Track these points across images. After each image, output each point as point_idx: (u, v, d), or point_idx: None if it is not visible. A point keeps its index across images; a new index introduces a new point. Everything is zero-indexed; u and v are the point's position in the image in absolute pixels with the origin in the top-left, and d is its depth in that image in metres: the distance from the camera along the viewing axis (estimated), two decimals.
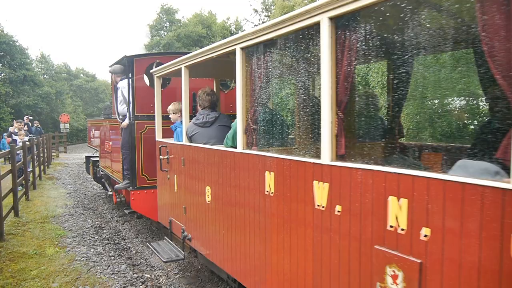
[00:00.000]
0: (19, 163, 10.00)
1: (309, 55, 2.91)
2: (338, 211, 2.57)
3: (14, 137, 13.81)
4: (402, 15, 2.31)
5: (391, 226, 2.21)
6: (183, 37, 37.94)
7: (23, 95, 33.75)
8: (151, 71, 6.13)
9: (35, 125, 20.37)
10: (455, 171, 2.19)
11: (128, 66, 7.00)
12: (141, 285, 5.47)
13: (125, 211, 7.88)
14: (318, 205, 2.73)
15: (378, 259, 2.30)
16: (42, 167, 15.34)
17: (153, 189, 6.76)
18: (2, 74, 33.34)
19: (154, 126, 6.14)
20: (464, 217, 1.84)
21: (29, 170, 11.57)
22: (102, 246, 7.15)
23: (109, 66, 7.89)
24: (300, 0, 20.34)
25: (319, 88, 2.62)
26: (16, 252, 6.48)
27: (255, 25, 30.41)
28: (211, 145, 4.45)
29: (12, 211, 8.51)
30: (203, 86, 5.35)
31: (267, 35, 3.13)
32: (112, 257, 6.56)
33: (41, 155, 15.51)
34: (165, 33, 40.99)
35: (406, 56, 2.64)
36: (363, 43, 2.43)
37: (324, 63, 2.57)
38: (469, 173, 2.04)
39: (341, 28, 2.48)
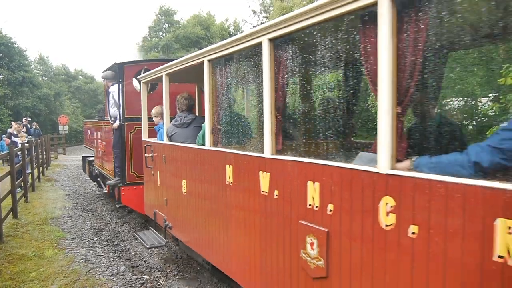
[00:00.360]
0: (18, 164, 9.99)
1: (255, 68, 3.50)
2: (276, 195, 3.22)
3: (14, 138, 13.77)
4: (314, 39, 2.95)
5: (310, 205, 2.83)
6: (181, 38, 37.98)
7: (22, 96, 33.72)
8: (137, 77, 6.64)
9: (34, 126, 20.34)
10: (356, 160, 2.72)
11: (118, 72, 7.59)
12: (140, 287, 5.47)
13: (116, 205, 8.38)
14: (263, 191, 3.37)
15: (301, 231, 2.90)
16: (41, 168, 15.32)
17: (141, 185, 7.16)
18: (1, 76, 33.31)
19: None
20: (352, 196, 2.46)
21: (28, 172, 11.57)
22: (101, 247, 7.14)
23: (102, 72, 8.57)
24: (299, 1, 20.37)
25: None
26: (15, 254, 6.47)
27: (253, 26, 30.45)
28: (188, 143, 5.00)
29: (11, 213, 8.50)
30: (190, 89, 5.99)
31: (226, 51, 3.76)
32: (111, 259, 6.56)
33: (40, 156, 15.50)
34: (164, 34, 41.01)
35: (319, 71, 3.34)
36: (294, 59, 3.02)
37: (265, 75, 3.17)
38: (363, 162, 2.54)
39: (278, 47, 3.10)
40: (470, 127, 8.74)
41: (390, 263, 2.22)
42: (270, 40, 3.09)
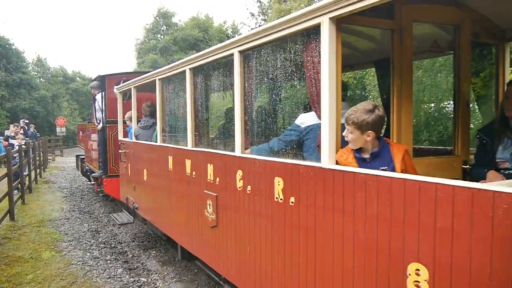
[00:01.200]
0: (15, 166, 9.96)
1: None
2: (194, 175, 4.51)
3: (11, 141, 13.74)
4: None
5: (209, 179, 4.14)
6: (179, 40, 37.98)
7: (19, 98, 33.58)
8: (115, 87, 7.95)
9: (31, 129, 20.28)
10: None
11: (101, 82, 9.24)
12: None
13: (100, 194, 10.00)
14: (187, 173, 4.70)
15: (205, 197, 4.27)
16: (38, 170, 15.28)
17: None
18: None
19: None
20: (226, 170, 3.84)
21: (25, 173, 11.53)
22: (99, 250, 7.12)
23: (91, 82, 10.30)
24: (297, 4, 20.42)
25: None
26: (12, 256, 6.45)
27: (251, 28, 30.47)
28: (149, 142, 6.30)
29: (8, 215, 8.47)
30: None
31: (176, 70, 4.96)
32: (109, 261, 6.54)
33: (37, 158, 15.46)
34: (162, 36, 41.00)
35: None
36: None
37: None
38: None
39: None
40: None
41: (245, 214, 3.56)
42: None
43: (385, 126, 3.85)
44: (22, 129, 16.47)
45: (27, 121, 20.74)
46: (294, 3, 21.06)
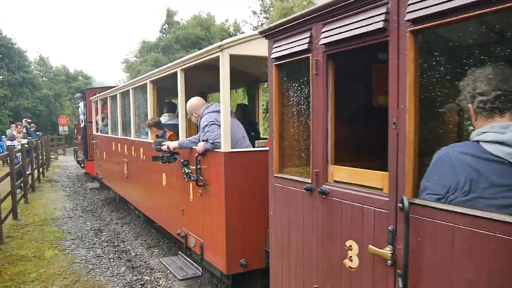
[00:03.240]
0: (18, 165, 9.97)
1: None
2: (142, 157, 7.15)
3: (9, 142, 13.90)
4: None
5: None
6: (181, 39, 37.91)
7: (22, 97, 33.63)
8: (90, 98, 12.34)
9: (32, 128, 20.29)
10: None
11: (83, 94, 14.32)
12: None
13: (83, 172, 15.54)
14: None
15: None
16: (41, 169, 15.31)
17: None
18: (1, 77, 33.23)
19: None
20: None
21: (28, 172, 11.55)
22: (102, 248, 7.12)
23: (77, 93, 16.91)
24: (299, 2, 20.36)
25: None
26: (15, 255, 6.45)
27: (254, 27, 30.42)
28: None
29: (11, 213, 8.49)
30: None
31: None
32: (112, 260, 6.54)
33: (40, 157, 15.48)
34: (164, 35, 40.92)
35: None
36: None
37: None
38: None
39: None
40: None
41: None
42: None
43: None
44: (24, 128, 16.52)
45: (29, 120, 20.77)
46: (296, 1, 21.00)
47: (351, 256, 2.40)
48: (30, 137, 15.71)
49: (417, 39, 1.96)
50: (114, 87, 9.63)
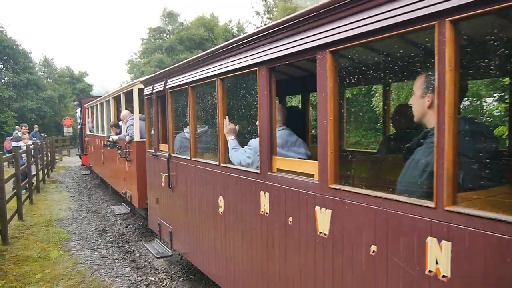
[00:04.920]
0: (23, 166, 10.02)
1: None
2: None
3: (13, 144, 13.95)
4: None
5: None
6: (185, 40, 37.95)
7: (27, 99, 33.77)
8: (85, 105, 16.33)
9: (35, 129, 20.37)
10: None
11: (80, 102, 18.22)
12: None
13: (86, 173, 17.45)
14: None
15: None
16: (45, 170, 15.38)
17: None
18: (6, 78, 33.38)
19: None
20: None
21: (32, 173, 11.60)
22: (106, 249, 7.14)
23: (74, 102, 25.91)
24: (303, 2, 20.33)
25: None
26: (20, 255, 6.48)
27: (257, 27, 30.41)
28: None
29: (16, 214, 8.52)
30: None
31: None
32: (116, 260, 6.55)
33: (45, 158, 15.55)
34: (168, 36, 40.98)
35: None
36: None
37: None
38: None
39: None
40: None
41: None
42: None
43: None
44: (26, 133, 16.62)
45: (26, 125, 20.83)
46: (300, 1, 20.97)
47: None
48: (35, 139, 15.80)
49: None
50: (101, 96, 13.12)
